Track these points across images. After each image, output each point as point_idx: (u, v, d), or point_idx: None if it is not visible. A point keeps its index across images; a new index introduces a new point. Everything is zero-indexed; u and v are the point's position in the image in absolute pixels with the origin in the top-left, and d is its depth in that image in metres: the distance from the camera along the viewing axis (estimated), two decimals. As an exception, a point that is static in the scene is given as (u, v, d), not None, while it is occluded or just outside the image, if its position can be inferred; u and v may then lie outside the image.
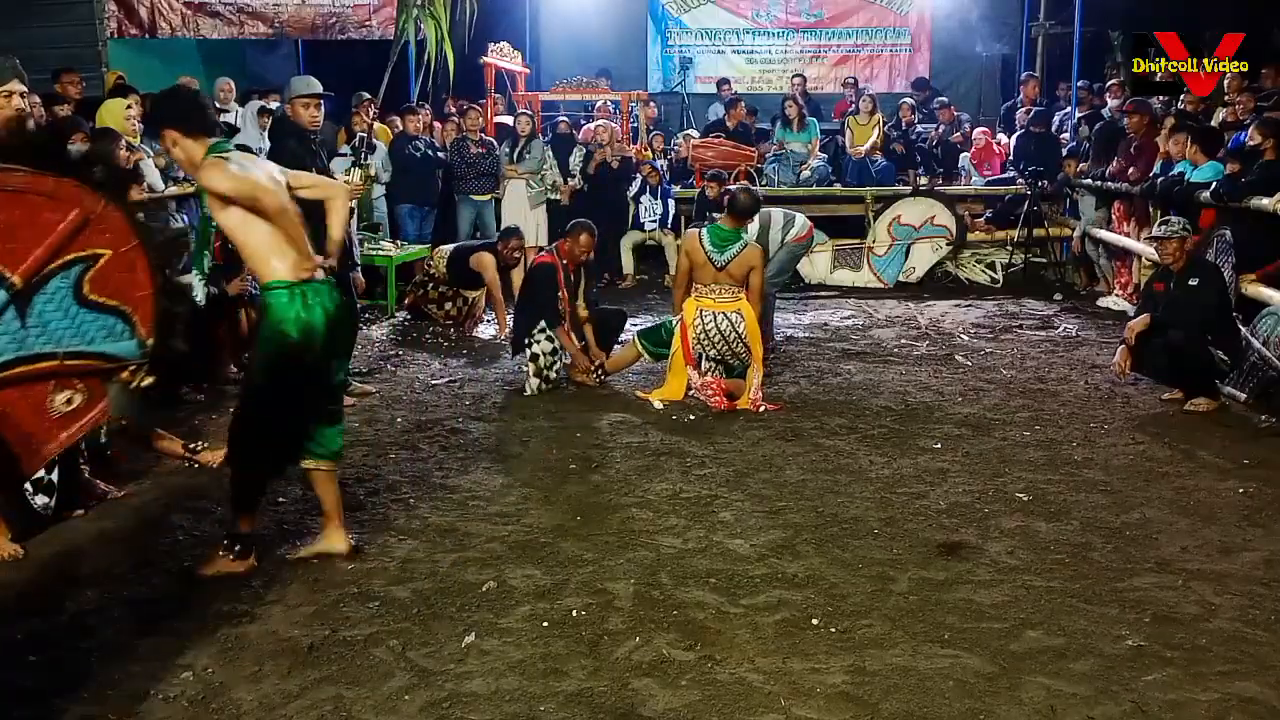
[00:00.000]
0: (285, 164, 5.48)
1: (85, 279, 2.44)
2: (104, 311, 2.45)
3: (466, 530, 4.07)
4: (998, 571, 3.70)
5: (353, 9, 11.37)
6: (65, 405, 2.48)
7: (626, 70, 14.02)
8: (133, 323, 2.48)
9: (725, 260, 5.94)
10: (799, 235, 7.05)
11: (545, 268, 6.34)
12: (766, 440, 5.26)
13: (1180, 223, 5.96)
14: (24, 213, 2.38)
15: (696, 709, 2.83)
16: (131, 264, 2.47)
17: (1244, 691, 2.91)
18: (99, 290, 2.45)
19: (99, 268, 2.44)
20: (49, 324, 2.42)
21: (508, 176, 9.86)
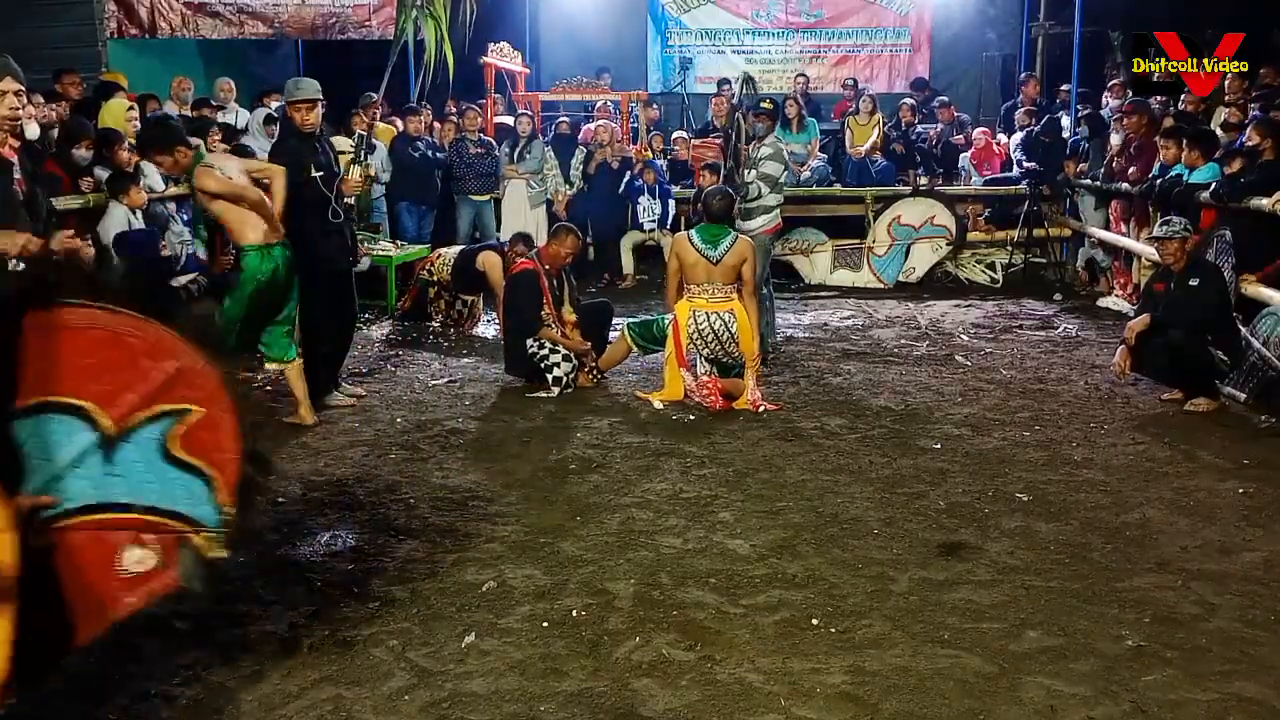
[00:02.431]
0: (285, 162, 5.54)
1: (173, 433, 2.38)
2: (188, 470, 2.39)
3: (466, 530, 4.07)
4: (998, 571, 3.70)
5: (353, 9, 11.38)
6: (137, 565, 2.40)
7: (626, 70, 14.00)
8: (214, 487, 2.40)
9: (720, 255, 5.95)
10: (768, 227, 6.99)
11: (527, 274, 6.33)
12: (766, 440, 5.26)
13: (1181, 223, 5.96)
14: (123, 355, 2.34)
15: (696, 709, 2.83)
16: (218, 424, 2.40)
17: (1244, 691, 2.91)
18: (185, 448, 2.38)
19: (188, 423, 2.38)
20: (132, 474, 2.36)
21: (508, 177, 9.86)
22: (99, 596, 2.38)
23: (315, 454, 5.01)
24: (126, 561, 2.38)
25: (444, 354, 7.32)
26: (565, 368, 6.13)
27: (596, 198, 10.14)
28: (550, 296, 6.32)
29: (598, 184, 10.13)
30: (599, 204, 10.13)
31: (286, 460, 4.91)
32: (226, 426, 2.40)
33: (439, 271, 8.18)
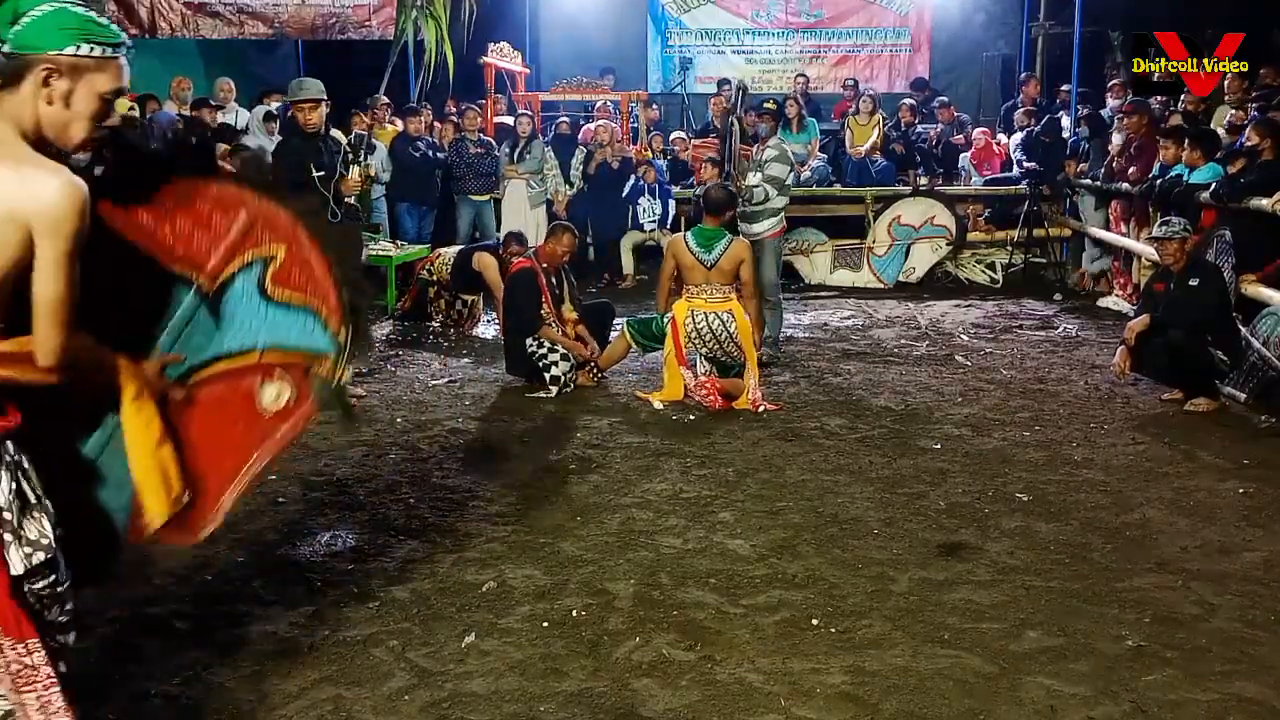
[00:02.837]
0: (288, 162, 5.56)
1: (267, 278, 2.41)
2: (291, 309, 2.41)
3: (466, 530, 4.07)
4: (998, 571, 3.70)
5: (353, 9, 11.38)
6: (274, 402, 2.43)
7: (626, 70, 14.02)
8: (321, 318, 2.42)
9: (715, 258, 5.96)
10: (774, 230, 7.00)
11: (525, 273, 6.33)
12: (766, 440, 5.26)
13: (1180, 223, 5.96)
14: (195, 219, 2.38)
15: (696, 709, 2.83)
16: (307, 261, 2.42)
17: (1244, 691, 2.91)
18: (283, 288, 2.42)
19: (278, 266, 2.42)
20: (243, 323, 2.42)
21: (508, 177, 9.86)
22: (248, 441, 2.43)
23: (315, 454, 5.01)
24: (265, 399, 2.42)
25: (444, 354, 7.32)
26: (563, 367, 6.13)
27: (596, 198, 10.14)
28: (550, 295, 6.32)
29: (598, 184, 10.14)
30: (599, 204, 10.13)
31: (286, 460, 4.91)
32: (315, 259, 2.42)
33: (439, 271, 8.18)
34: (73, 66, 2.00)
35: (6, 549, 1.98)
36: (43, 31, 1.97)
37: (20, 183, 1.93)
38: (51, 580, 2.04)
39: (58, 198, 1.93)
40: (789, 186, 7.08)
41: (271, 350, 2.41)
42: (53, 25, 1.97)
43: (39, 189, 1.92)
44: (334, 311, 2.41)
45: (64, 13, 1.99)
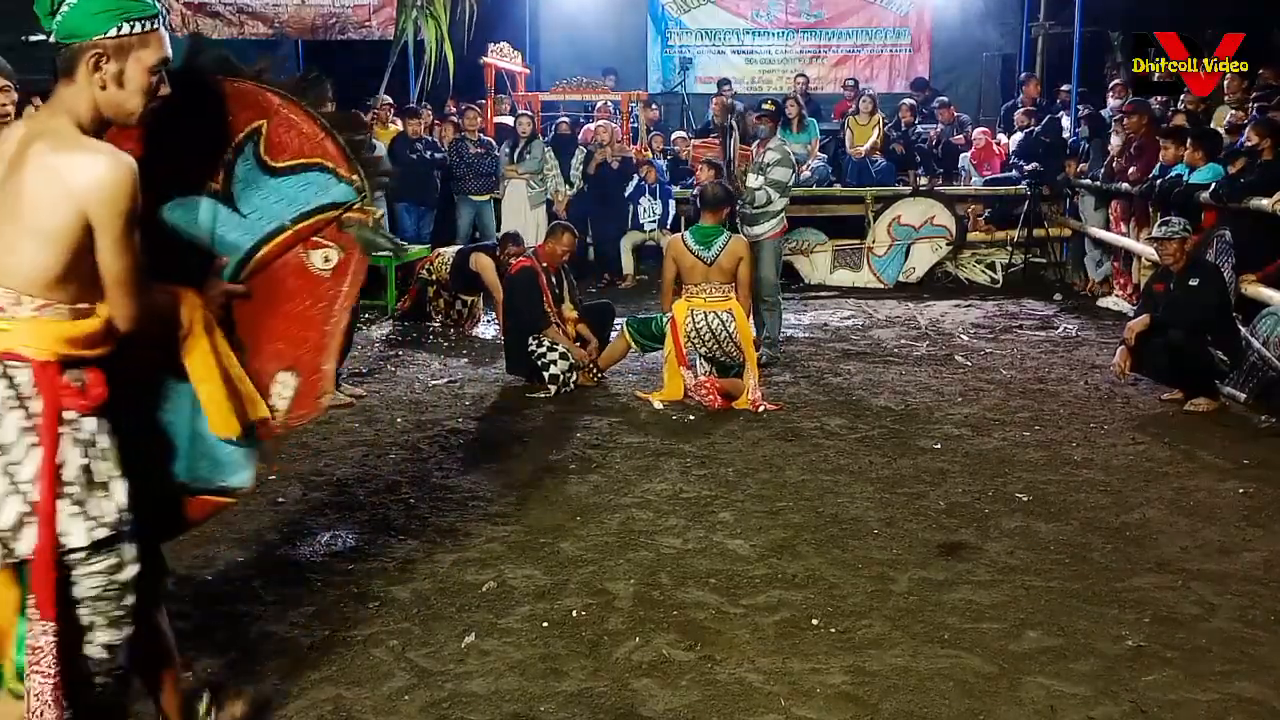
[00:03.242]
0: None
1: (262, 153, 2.45)
2: (298, 172, 2.46)
3: (466, 530, 4.07)
4: (998, 571, 3.70)
5: (353, 9, 11.38)
6: (325, 263, 2.49)
7: (626, 70, 14.02)
8: (330, 169, 2.47)
9: (714, 255, 5.96)
10: (775, 231, 7.02)
11: (525, 272, 6.34)
12: (766, 440, 5.26)
13: (1180, 223, 5.96)
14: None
15: (696, 709, 2.83)
16: (290, 122, 2.46)
17: (1244, 691, 2.91)
18: (280, 156, 2.46)
19: (266, 138, 2.45)
20: (262, 204, 2.46)
21: (508, 177, 9.86)
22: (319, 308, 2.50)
23: (315, 454, 5.01)
24: (316, 265, 2.49)
25: (444, 354, 7.32)
26: (561, 365, 6.13)
27: (596, 198, 10.14)
28: (549, 294, 6.32)
29: (598, 184, 10.14)
30: (599, 204, 10.13)
31: (286, 460, 4.91)
32: (297, 117, 2.46)
33: (438, 271, 8.18)
34: (118, 47, 2.04)
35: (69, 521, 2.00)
36: (83, 18, 2.01)
37: (73, 167, 1.98)
38: (114, 562, 2.06)
39: (108, 176, 1.98)
40: (790, 187, 7.09)
41: (299, 219, 2.46)
42: (91, 10, 2.02)
43: (90, 170, 1.98)
44: (338, 159, 2.47)
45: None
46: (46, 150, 1.99)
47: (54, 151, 1.99)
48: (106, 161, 1.99)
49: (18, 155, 2.01)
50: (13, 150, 2.02)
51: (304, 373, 2.46)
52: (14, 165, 2.01)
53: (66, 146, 2.01)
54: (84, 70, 2.03)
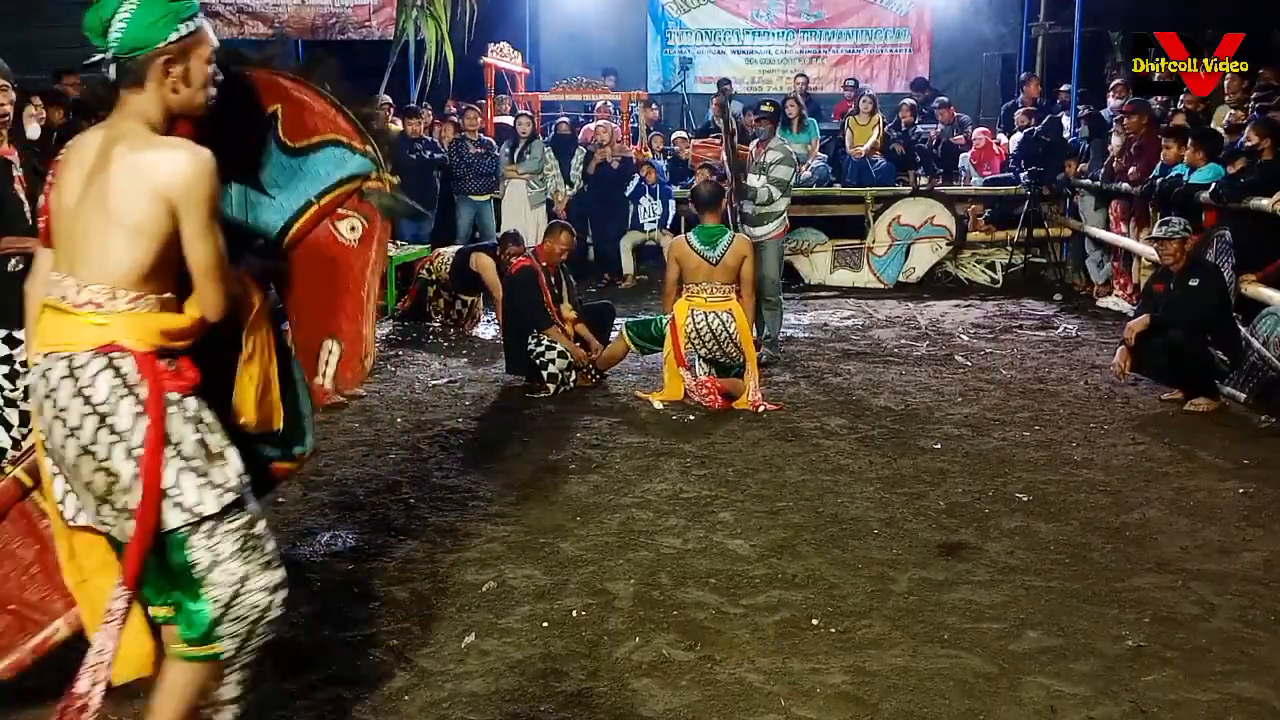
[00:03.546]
0: None
1: (281, 135, 2.58)
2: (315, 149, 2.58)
3: (466, 530, 4.07)
4: (998, 571, 3.70)
5: (353, 9, 11.39)
6: (351, 232, 2.63)
7: (626, 70, 14.02)
8: (344, 143, 2.59)
9: (720, 254, 5.97)
10: (778, 232, 7.04)
11: (525, 272, 6.34)
12: (766, 440, 5.26)
13: (1181, 223, 5.96)
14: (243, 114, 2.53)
15: (696, 709, 2.83)
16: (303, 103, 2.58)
17: (1244, 691, 2.91)
18: (298, 136, 2.58)
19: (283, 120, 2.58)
20: (288, 184, 2.58)
21: (508, 177, 9.86)
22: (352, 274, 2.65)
23: (315, 454, 5.00)
24: (344, 235, 2.64)
25: (444, 354, 7.32)
26: (560, 364, 6.13)
27: (596, 198, 10.14)
28: (549, 294, 6.32)
29: (598, 184, 10.13)
30: (599, 204, 10.13)
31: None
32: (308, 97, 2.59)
33: (438, 271, 8.18)
34: (181, 50, 2.18)
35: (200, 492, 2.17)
36: (142, 30, 2.13)
37: (156, 162, 2.13)
38: (247, 519, 2.24)
39: (190, 168, 2.13)
40: (791, 187, 7.11)
41: (323, 194, 2.59)
42: (149, 20, 2.13)
43: (173, 164, 2.13)
44: (351, 133, 2.59)
45: (152, 5, 2.13)
46: (128, 150, 2.12)
47: (135, 150, 2.13)
48: (187, 155, 2.13)
49: (100, 159, 2.14)
50: (93, 156, 2.15)
51: (345, 339, 2.64)
52: (97, 169, 2.14)
53: (147, 145, 2.15)
54: (155, 77, 2.16)
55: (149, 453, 2.11)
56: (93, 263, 2.13)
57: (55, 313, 2.15)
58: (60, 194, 2.18)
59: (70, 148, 2.23)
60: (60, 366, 2.12)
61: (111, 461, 2.12)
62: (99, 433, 2.12)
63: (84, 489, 2.18)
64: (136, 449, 2.12)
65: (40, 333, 2.19)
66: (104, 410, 2.12)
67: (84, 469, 2.14)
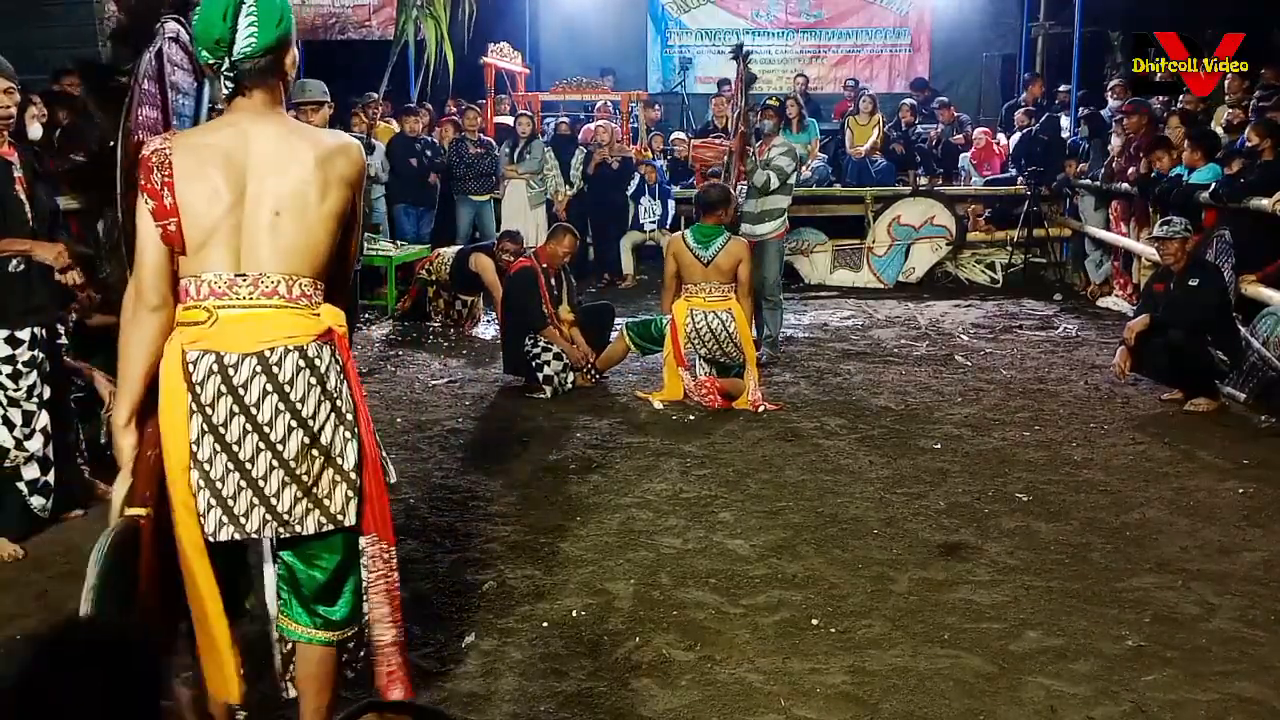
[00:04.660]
0: None
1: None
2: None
3: (466, 530, 4.07)
4: (998, 571, 3.70)
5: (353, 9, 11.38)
6: None
7: (626, 70, 14.02)
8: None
9: (712, 255, 5.97)
10: (778, 232, 7.07)
11: (525, 272, 6.34)
12: (766, 440, 5.26)
13: (1181, 223, 5.96)
14: None
15: (696, 709, 2.83)
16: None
17: (1244, 691, 2.91)
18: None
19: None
20: None
21: (508, 177, 9.85)
22: None
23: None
24: None
25: (444, 354, 7.32)
26: (555, 366, 6.13)
27: (596, 198, 10.13)
28: (548, 296, 6.32)
29: (598, 184, 10.13)
30: (599, 204, 10.13)
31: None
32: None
33: (438, 271, 8.18)
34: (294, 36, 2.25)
35: (387, 464, 2.37)
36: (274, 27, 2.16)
37: (342, 153, 2.21)
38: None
39: (361, 157, 2.24)
40: (792, 185, 7.13)
41: None
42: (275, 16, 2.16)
43: (354, 155, 2.24)
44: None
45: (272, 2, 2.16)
46: (310, 145, 2.19)
47: (318, 145, 2.20)
48: (356, 143, 2.24)
49: (286, 155, 2.16)
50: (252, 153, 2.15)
51: None
52: (288, 164, 2.16)
53: (327, 136, 2.26)
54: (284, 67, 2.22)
55: (365, 422, 2.29)
56: (297, 257, 2.17)
57: (262, 311, 2.16)
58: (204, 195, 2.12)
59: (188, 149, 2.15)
60: (292, 359, 2.17)
61: (334, 444, 2.23)
62: (330, 417, 2.22)
63: (286, 484, 2.20)
64: (355, 426, 2.26)
65: (236, 335, 2.14)
66: (334, 394, 2.23)
67: (304, 460, 2.20)
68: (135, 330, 2.20)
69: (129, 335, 2.21)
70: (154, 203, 2.13)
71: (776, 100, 7.45)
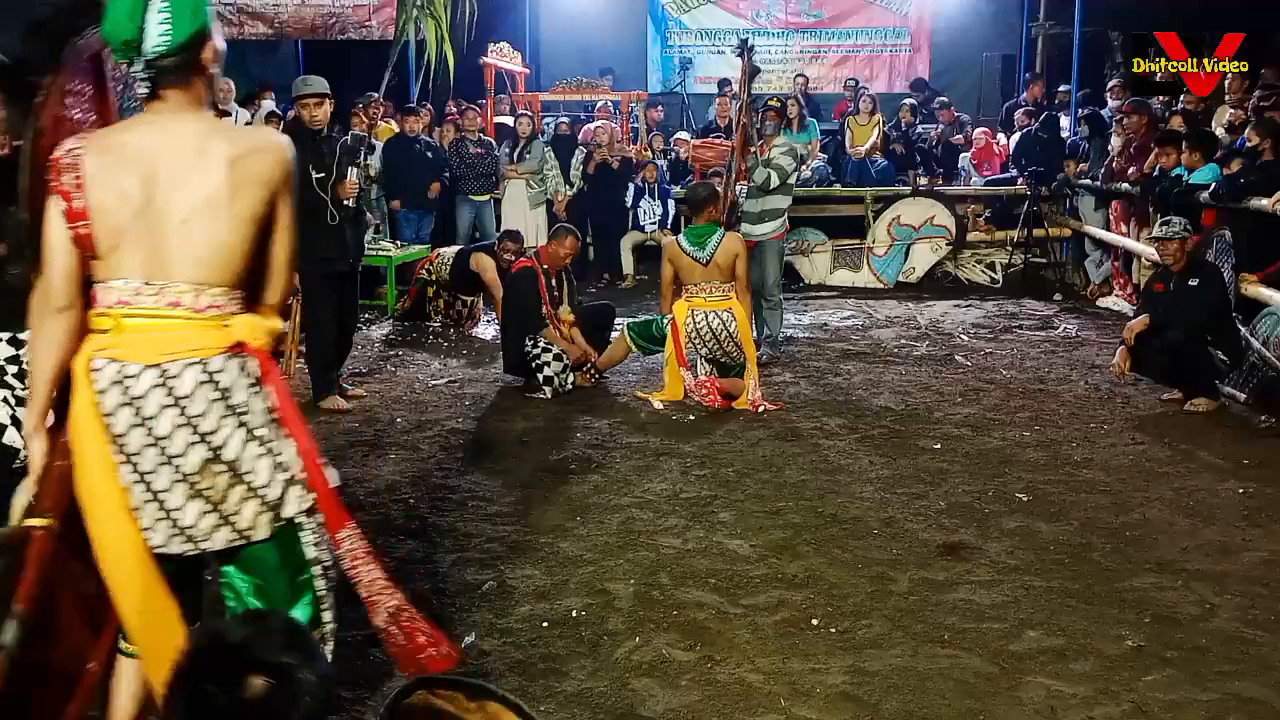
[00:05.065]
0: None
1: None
2: None
3: (466, 530, 4.07)
4: (998, 571, 3.70)
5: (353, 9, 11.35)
6: None
7: (626, 70, 14.01)
8: None
9: (709, 254, 5.96)
10: (778, 232, 7.09)
11: (526, 273, 6.35)
12: (766, 440, 5.26)
13: (1181, 223, 5.95)
14: None
15: (696, 709, 2.83)
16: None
17: (1244, 691, 2.91)
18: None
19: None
20: None
21: (508, 177, 9.85)
22: None
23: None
24: None
25: (444, 354, 7.32)
26: (555, 367, 6.13)
27: (596, 198, 10.13)
28: (548, 297, 6.32)
29: (597, 184, 10.12)
30: (599, 204, 10.12)
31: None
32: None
33: (438, 271, 8.18)
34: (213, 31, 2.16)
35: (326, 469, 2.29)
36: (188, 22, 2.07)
37: (258, 152, 2.10)
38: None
39: (288, 156, 2.13)
40: (793, 186, 7.14)
41: None
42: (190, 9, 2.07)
43: (277, 154, 2.12)
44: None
45: None
46: (227, 144, 2.08)
47: (238, 142, 2.10)
48: (282, 141, 2.12)
49: (197, 156, 2.06)
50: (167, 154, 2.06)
51: None
52: (197, 165, 2.06)
53: (248, 135, 2.18)
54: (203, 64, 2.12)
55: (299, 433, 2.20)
56: (206, 265, 2.08)
57: (165, 321, 2.07)
58: (114, 198, 2.04)
59: (101, 150, 2.06)
60: (193, 373, 2.08)
61: (241, 461, 2.14)
62: (235, 433, 2.13)
63: (190, 498, 2.12)
64: (274, 444, 2.18)
65: (137, 345, 2.07)
66: (241, 410, 2.13)
67: (206, 475, 2.12)
68: (42, 333, 2.13)
69: (36, 338, 2.15)
70: (65, 205, 2.06)
71: (778, 100, 7.48)
